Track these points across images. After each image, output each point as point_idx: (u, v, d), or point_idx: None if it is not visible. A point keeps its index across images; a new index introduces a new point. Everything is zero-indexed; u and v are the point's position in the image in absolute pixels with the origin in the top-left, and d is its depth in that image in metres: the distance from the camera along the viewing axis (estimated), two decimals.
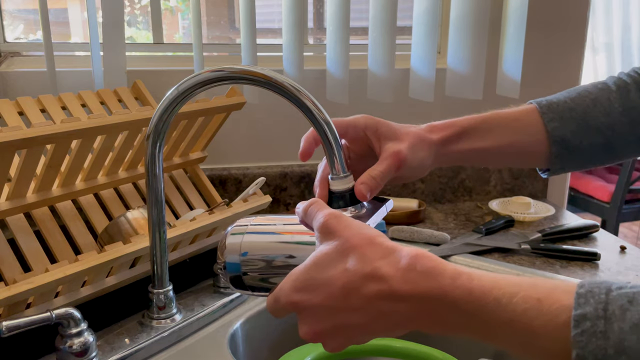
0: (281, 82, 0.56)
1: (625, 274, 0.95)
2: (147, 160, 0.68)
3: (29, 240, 0.78)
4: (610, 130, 0.68)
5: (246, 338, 0.80)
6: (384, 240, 0.44)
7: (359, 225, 0.46)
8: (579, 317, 0.36)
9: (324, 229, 0.46)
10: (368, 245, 0.43)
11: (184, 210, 1.00)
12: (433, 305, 0.41)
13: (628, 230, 3.55)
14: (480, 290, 0.39)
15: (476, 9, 1.14)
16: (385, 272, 0.42)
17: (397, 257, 0.42)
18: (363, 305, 0.42)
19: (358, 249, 0.43)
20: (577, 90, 0.71)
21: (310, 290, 0.44)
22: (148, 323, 0.74)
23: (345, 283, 0.42)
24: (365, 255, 0.43)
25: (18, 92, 1.01)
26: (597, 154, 0.69)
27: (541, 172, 0.73)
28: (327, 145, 0.56)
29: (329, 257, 0.44)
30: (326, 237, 0.46)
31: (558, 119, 0.68)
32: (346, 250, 0.43)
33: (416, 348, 0.77)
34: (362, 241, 0.44)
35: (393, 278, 0.41)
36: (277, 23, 1.26)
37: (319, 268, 0.44)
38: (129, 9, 1.44)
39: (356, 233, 0.44)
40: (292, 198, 1.25)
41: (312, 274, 0.44)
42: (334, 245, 0.44)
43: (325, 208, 0.48)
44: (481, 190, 1.35)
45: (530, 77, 1.30)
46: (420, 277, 0.41)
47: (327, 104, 0.91)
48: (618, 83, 0.70)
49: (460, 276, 0.41)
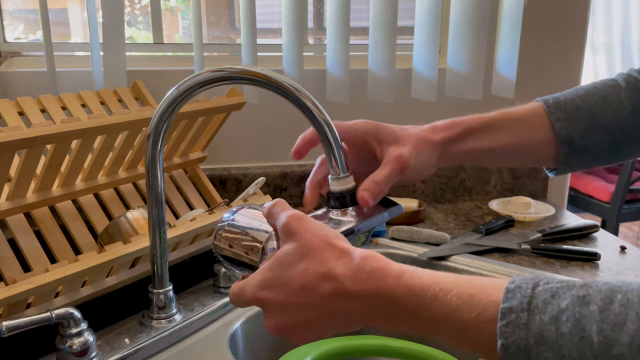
0: (281, 82, 0.56)
1: (625, 274, 0.95)
2: (147, 160, 0.68)
3: (29, 240, 0.78)
4: (619, 128, 0.67)
5: (246, 338, 0.80)
6: (340, 242, 0.47)
7: (319, 227, 0.48)
8: (505, 310, 0.38)
9: (286, 229, 0.49)
10: (325, 247, 0.46)
11: (184, 210, 1.00)
12: (381, 303, 0.44)
13: (628, 230, 3.55)
14: (420, 288, 0.43)
15: (476, 9, 1.14)
16: (339, 273, 0.45)
17: (350, 258, 0.46)
18: (320, 303, 0.45)
19: (316, 251, 0.46)
20: (585, 87, 0.69)
21: (274, 288, 0.47)
22: (148, 323, 0.74)
23: (304, 282, 0.46)
24: (322, 256, 0.46)
25: (18, 92, 1.01)
26: (605, 153, 0.68)
27: (548, 172, 0.72)
28: (327, 146, 0.56)
29: (291, 257, 0.47)
30: (288, 237, 0.48)
31: (565, 118, 0.67)
32: (305, 252, 0.46)
33: (416, 348, 0.77)
34: (320, 243, 0.47)
35: (345, 278, 0.45)
36: (277, 23, 1.26)
37: (282, 267, 0.47)
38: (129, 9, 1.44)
39: (315, 235, 0.47)
40: (292, 198, 1.25)
41: (275, 272, 0.47)
42: (295, 246, 0.47)
43: (287, 209, 0.51)
44: (481, 190, 1.35)
45: (530, 77, 1.30)
46: (369, 276, 0.44)
47: (327, 104, 0.91)
48: (628, 80, 0.68)
49: (404, 275, 0.44)
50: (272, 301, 0.47)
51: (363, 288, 0.44)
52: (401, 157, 0.61)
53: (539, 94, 0.72)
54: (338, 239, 0.48)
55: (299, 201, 1.25)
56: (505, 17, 1.17)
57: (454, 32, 1.19)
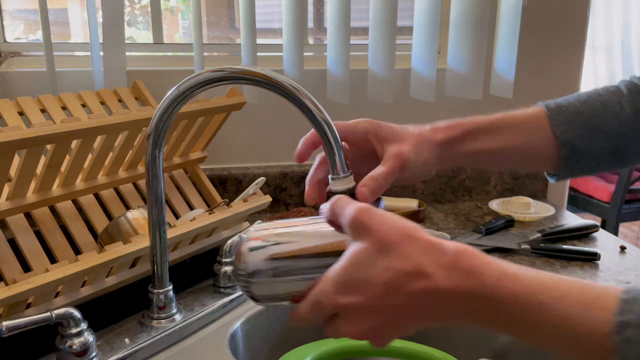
0: (281, 82, 0.56)
1: (625, 274, 0.95)
2: (147, 160, 0.68)
3: (29, 240, 0.78)
4: (620, 134, 0.67)
5: (246, 338, 0.80)
6: (423, 235, 0.43)
7: (392, 218, 0.44)
8: (622, 324, 0.36)
9: (356, 224, 0.44)
10: (407, 241, 0.42)
11: (184, 210, 1.00)
12: (477, 304, 0.41)
13: (628, 230, 3.55)
14: (525, 293, 0.39)
15: (476, 9, 1.14)
16: (429, 270, 0.41)
17: (440, 254, 0.42)
18: (407, 303, 0.42)
19: (398, 246, 0.42)
20: (587, 93, 0.69)
21: (353, 291, 0.43)
22: (148, 323, 0.74)
23: (388, 281, 0.42)
24: (406, 252, 0.42)
25: (18, 92, 1.01)
26: (605, 159, 0.68)
27: (549, 177, 0.72)
28: (327, 146, 0.56)
29: (368, 256, 0.43)
30: (359, 233, 0.44)
31: (566, 123, 0.67)
32: (385, 248, 0.42)
33: (416, 348, 0.77)
34: (400, 237, 0.43)
35: (437, 275, 0.41)
36: (277, 23, 1.26)
37: (359, 267, 0.43)
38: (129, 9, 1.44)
39: (392, 228, 0.43)
40: (292, 198, 1.25)
41: (352, 274, 0.43)
42: (370, 242, 0.43)
43: (352, 203, 0.46)
44: (481, 190, 1.35)
45: (530, 77, 1.30)
46: (465, 274, 0.41)
47: (327, 104, 0.91)
48: (630, 86, 0.68)
49: (505, 276, 0.40)
50: (352, 305, 0.43)
51: (457, 287, 0.41)
52: (401, 154, 0.61)
53: (538, 95, 0.72)
54: (418, 230, 0.43)
55: (299, 201, 1.25)
56: (504, 18, 1.17)
57: (454, 32, 1.19)
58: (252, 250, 0.47)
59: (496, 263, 0.42)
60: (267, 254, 0.47)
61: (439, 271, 0.41)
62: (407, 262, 0.42)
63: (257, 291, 0.47)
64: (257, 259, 0.47)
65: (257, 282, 0.47)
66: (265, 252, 0.47)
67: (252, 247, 0.47)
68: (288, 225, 0.49)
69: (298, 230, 0.49)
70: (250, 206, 0.94)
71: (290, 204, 1.25)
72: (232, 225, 0.97)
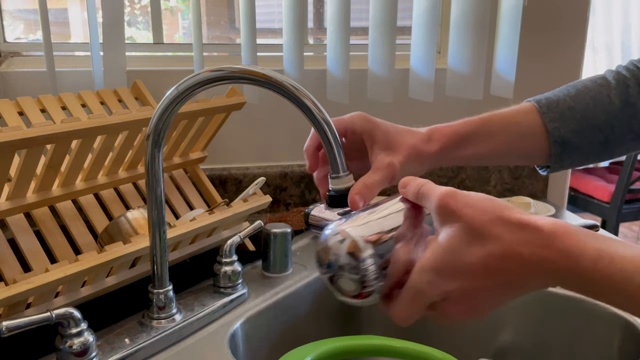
0: (281, 81, 0.56)
1: None
2: (147, 160, 0.68)
3: (29, 240, 0.78)
4: (609, 127, 0.68)
5: (246, 338, 0.80)
6: (514, 213, 0.43)
7: (479, 200, 0.44)
8: None
9: (443, 209, 0.44)
10: (498, 223, 0.42)
11: (184, 210, 1.00)
12: (572, 281, 0.41)
13: (628, 230, 3.55)
14: (621, 276, 0.39)
15: (476, 9, 1.14)
16: (524, 251, 0.41)
17: (534, 233, 0.41)
18: (506, 281, 0.43)
19: (489, 229, 0.42)
20: (576, 86, 0.70)
21: (455, 276, 0.43)
22: (148, 323, 0.74)
23: (485, 266, 0.42)
24: (498, 234, 0.42)
25: (18, 92, 1.01)
26: (596, 151, 0.69)
27: (540, 170, 0.73)
28: (327, 145, 0.56)
29: (461, 242, 0.43)
30: (447, 218, 0.44)
31: (558, 119, 0.68)
32: (474, 232, 0.43)
33: (416, 348, 0.77)
34: (487, 218, 0.43)
35: (532, 256, 0.41)
36: (277, 23, 1.26)
37: (455, 254, 0.43)
38: (129, 9, 1.44)
39: (479, 210, 0.43)
40: (292, 198, 1.25)
41: (450, 261, 0.43)
42: (460, 227, 0.43)
43: (437, 188, 0.46)
44: (481, 190, 1.34)
45: (530, 77, 1.30)
46: (560, 255, 0.41)
47: (327, 104, 0.90)
48: (617, 78, 0.69)
49: (602, 258, 0.40)
50: (458, 289, 0.43)
51: (554, 266, 0.41)
52: (392, 166, 0.61)
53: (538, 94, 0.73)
54: (509, 209, 0.43)
55: (299, 201, 1.25)
56: (504, 18, 1.17)
57: (455, 32, 1.19)
58: (342, 242, 0.46)
59: (592, 242, 0.41)
60: (361, 247, 0.46)
61: (534, 252, 0.41)
62: (501, 245, 0.42)
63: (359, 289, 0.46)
64: (351, 250, 0.46)
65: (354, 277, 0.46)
66: (359, 246, 0.46)
67: (340, 239, 0.46)
68: (373, 216, 0.49)
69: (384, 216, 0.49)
70: (250, 206, 0.94)
71: (290, 204, 1.25)
72: (232, 225, 0.97)
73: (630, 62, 0.71)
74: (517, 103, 0.72)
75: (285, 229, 0.91)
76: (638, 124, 0.68)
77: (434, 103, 1.22)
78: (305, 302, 0.91)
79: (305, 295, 0.90)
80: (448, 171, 1.32)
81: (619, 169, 2.72)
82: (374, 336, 0.80)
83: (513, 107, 0.70)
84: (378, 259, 0.45)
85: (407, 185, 0.50)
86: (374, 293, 0.46)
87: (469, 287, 0.43)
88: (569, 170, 1.41)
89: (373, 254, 0.45)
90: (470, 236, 0.43)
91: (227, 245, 0.82)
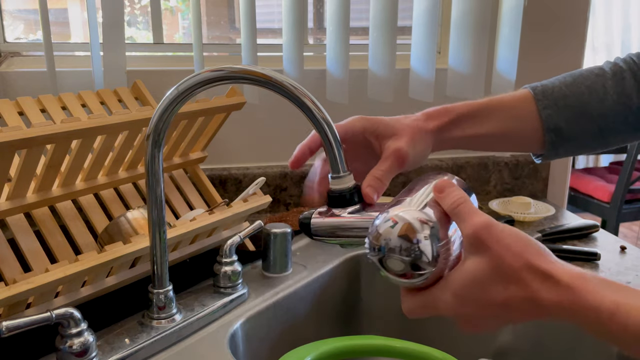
0: (280, 81, 0.56)
1: (625, 274, 0.95)
2: (147, 160, 0.68)
3: (29, 240, 0.78)
4: (603, 117, 0.68)
5: (246, 338, 0.80)
6: (542, 263, 0.44)
7: (510, 238, 0.45)
8: None
9: (474, 240, 0.46)
10: (526, 270, 0.44)
11: (184, 210, 1.00)
12: (587, 328, 0.43)
13: (628, 230, 3.55)
14: (637, 328, 0.41)
15: (477, 9, 1.14)
16: (545, 298, 0.43)
17: (556, 283, 0.43)
18: (521, 317, 0.45)
19: (516, 272, 0.44)
20: (573, 75, 0.71)
21: (471, 305, 0.46)
22: (148, 323, 0.74)
23: (506, 302, 0.44)
24: (523, 278, 0.44)
25: (18, 92, 1.01)
26: (589, 141, 0.70)
27: (535, 157, 0.74)
28: (327, 145, 0.56)
29: (486, 276, 0.45)
30: (477, 248, 0.46)
31: (552, 106, 0.68)
32: (502, 272, 0.44)
33: (416, 348, 0.77)
34: (519, 264, 0.44)
35: (551, 305, 0.43)
36: (277, 23, 1.26)
37: (477, 285, 0.45)
38: (129, 9, 1.44)
39: (511, 252, 0.44)
40: (292, 198, 1.25)
41: (472, 292, 0.45)
42: (488, 262, 0.45)
43: (474, 213, 0.47)
44: (481, 190, 1.35)
45: (530, 77, 1.30)
46: (578, 308, 0.42)
47: (327, 104, 0.90)
48: (614, 69, 0.70)
49: (618, 310, 0.41)
50: (470, 314, 0.46)
51: (570, 317, 0.43)
52: (400, 150, 0.62)
53: None
54: (538, 255, 0.45)
55: (299, 201, 1.25)
56: (505, 18, 1.17)
57: (455, 33, 1.19)
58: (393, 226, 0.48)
59: (610, 295, 0.42)
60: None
61: (552, 301, 0.43)
62: (525, 291, 0.44)
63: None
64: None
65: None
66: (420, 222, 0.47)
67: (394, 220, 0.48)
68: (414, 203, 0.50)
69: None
70: (250, 206, 0.94)
71: (290, 204, 1.25)
72: (232, 225, 0.97)
73: (628, 55, 0.71)
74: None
75: (285, 229, 0.91)
76: (632, 115, 0.68)
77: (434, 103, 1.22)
78: (305, 302, 0.91)
79: (305, 295, 0.90)
80: (448, 170, 1.31)
81: (619, 169, 2.72)
82: (374, 336, 0.80)
83: (511, 93, 0.71)
84: (431, 243, 0.47)
85: (443, 191, 0.50)
86: (419, 277, 0.47)
87: (483, 314, 0.46)
88: (569, 170, 1.41)
89: (426, 236, 0.47)
90: (497, 275, 0.44)
91: (227, 245, 0.82)
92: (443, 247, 0.47)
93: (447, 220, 0.49)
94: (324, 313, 0.95)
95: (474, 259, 0.46)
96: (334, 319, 0.97)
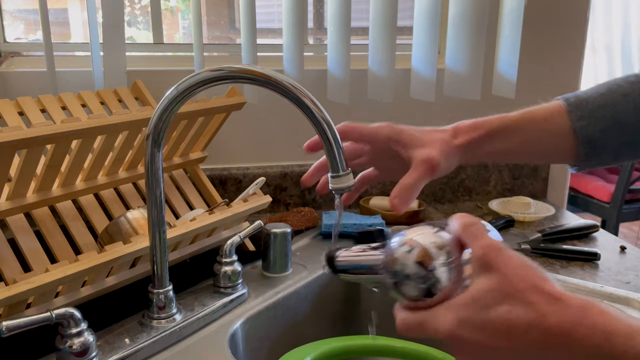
0: (280, 81, 0.56)
1: (625, 274, 0.95)
2: (147, 160, 0.68)
3: (29, 240, 0.78)
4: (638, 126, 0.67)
5: (246, 338, 0.80)
6: (548, 287, 0.43)
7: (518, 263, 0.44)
8: None
9: (482, 261, 0.44)
10: (533, 291, 0.42)
11: (184, 210, 1.00)
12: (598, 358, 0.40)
13: (628, 230, 3.55)
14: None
15: (474, 9, 1.14)
16: (553, 322, 0.41)
17: (566, 307, 0.41)
18: (524, 349, 0.42)
19: (521, 293, 0.42)
20: (607, 84, 0.69)
21: (473, 328, 0.43)
22: (148, 323, 0.74)
23: (509, 326, 0.42)
24: (529, 300, 0.42)
25: (18, 92, 1.01)
26: (624, 151, 0.68)
27: (570, 168, 0.73)
28: (326, 144, 0.56)
29: (491, 297, 0.43)
30: (484, 269, 0.44)
31: (587, 117, 0.67)
32: (507, 292, 0.42)
33: (416, 348, 0.77)
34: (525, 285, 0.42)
35: (561, 330, 0.41)
36: (277, 23, 1.26)
37: (480, 306, 0.43)
38: (129, 9, 1.44)
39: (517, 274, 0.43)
40: (292, 198, 1.25)
41: (473, 312, 0.43)
42: (493, 283, 0.43)
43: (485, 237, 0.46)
44: (481, 190, 1.35)
45: (530, 77, 1.30)
46: (591, 332, 0.40)
47: (327, 104, 0.91)
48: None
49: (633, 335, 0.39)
50: (469, 341, 0.43)
51: (583, 344, 0.40)
52: (432, 159, 0.61)
53: (539, 94, 0.73)
54: (544, 280, 0.43)
55: (299, 201, 1.26)
56: (506, 18, 1.17)
57: (453, 32, 1.19)
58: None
59: (623, 320, 0.40)
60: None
61: (562, 325, 0.40)
62: (530, 310, 0.41)
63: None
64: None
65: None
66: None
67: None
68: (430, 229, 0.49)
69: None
70: (250, 206, 0.94)
71: (290, 204, 1.25)
72: (232, 225, 0.97)
73: None
74: (517, 103, 0.72)
75: (285, 229, 0.91)
76: None
77: (434, 103, 1.22)
78: (305, 302, 0.91)
79: (305, 295, 0.90)
80: None
81: (619, 169, 2.72)
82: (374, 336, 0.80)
83: (542, 105, 0.69)
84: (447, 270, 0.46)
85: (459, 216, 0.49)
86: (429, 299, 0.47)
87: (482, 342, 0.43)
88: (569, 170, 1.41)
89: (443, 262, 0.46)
90: (503, 295, 0.42)
91: (227, 245, 0.82)
92: (457, 271, 0.46)
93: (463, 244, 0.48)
94: (324, 313, 0.95)
95: (480, 280, 0.44)
96: (334, 319, 0.97)
